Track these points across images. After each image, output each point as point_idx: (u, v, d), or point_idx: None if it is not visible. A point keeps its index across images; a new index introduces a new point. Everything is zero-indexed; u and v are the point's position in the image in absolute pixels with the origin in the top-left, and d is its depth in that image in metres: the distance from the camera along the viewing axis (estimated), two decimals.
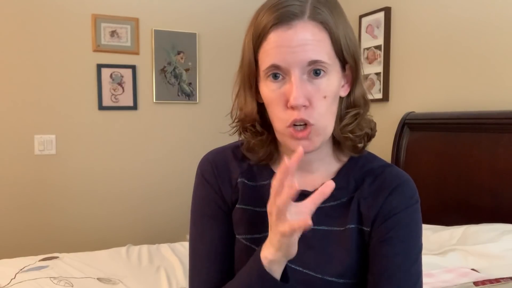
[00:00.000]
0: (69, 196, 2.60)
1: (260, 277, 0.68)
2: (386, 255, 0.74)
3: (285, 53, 0.68)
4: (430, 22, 2.20)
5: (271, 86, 0.71)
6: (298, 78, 0.68)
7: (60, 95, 2.55)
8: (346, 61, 0.73)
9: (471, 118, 1.87)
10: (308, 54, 0.68)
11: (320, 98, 0.70)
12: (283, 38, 0.68)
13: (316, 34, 0.69)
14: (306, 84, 0.69)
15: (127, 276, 1.61)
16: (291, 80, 0.69)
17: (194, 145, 2.88)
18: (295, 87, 0.68)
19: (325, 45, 0.69)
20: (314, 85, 0.70)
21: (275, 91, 0.71)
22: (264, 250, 0.69)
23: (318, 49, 0.68)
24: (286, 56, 0.68)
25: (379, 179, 0.77)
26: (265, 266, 0.68)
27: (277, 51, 0.69)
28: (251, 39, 0.72)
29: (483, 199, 1.80)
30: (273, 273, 0.68)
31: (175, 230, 2.80)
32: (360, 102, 0.77)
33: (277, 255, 0.67)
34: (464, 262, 1.44)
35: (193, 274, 0.82)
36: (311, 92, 0.69)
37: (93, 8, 2.59)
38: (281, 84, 0.70)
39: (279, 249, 0.66)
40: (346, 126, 0.76)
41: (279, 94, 0.71)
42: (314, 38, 0.68)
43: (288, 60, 0.68)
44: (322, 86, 0.70)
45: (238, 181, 0.82)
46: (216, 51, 2.92)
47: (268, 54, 0.70)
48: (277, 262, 0.68)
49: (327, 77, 0.70)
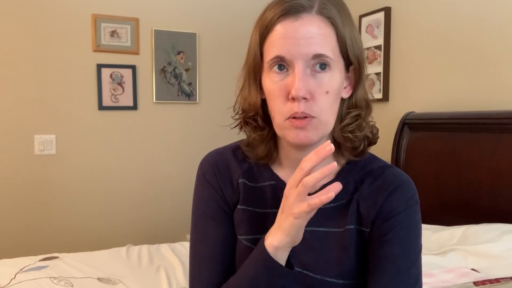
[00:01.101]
0: (69, 196, 2.60)
1: (266, 265, 0.69)
2: (385, 255, 0.74)
3: (290, 44, 0.69)
4: (430, 22, 2.20)
5: (274, 77, 0.72)
6: (301, 70, 0.69)
7: (60, 95, 2.55)
8: (350, 61, 0.73)
9: (471, 118, 1.87)
10: (313, 47, 0.68)
11: (322, 92, 0.70)
12: (290, 29, 0.69)
13: (323, 28, 0.69)
14: (309, 78, 0.70)
15: (127, 276, 1.61)
16: (294, 73, 0.69)
17: (194, 145, 2.88)
18: (298, 78, 0.68)
19: (331, 41, 0.70)
20: (317, 80, 0.70)
21: (277, 82, 0.71)
22: (269, 238, 0.70)
23: (323, 43, 0.69)
24: (291, 48, 0.69)
25: (379, 180, 0.77)
26: (270, 253, 0.69)
27: (283, 42, 0.69)
28: (258, 32, 0.73)
29: (483, 199, 1.80)
30: (279, 260, 0.69)
31: (175, 230, 2.80)
32: (362, 105, 0.77)
33: (284, 240, 0.68)
34: (464, 262, 1.44)
35: (194, 275, 0.82)
36: (314, 86, 0.70)
37: (93, 8, 2.59)
38: (284, 76, 0.71)
39: (288, 234, 0.67)
40: (346, 126, 0.76)
41: (281, 86, 0.71)
42: (320, 32, 0.69)
43: (292, 52, 0.69)
44: (324, 81, 0.70)
45: (239, 181, 0.82)
46: (216, 51, 2.92)
47: (274, 46, 0.70)
48: (282, 248, 0.69)
49: (331, 73, 0.71)
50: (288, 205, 0.67)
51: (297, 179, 0.66)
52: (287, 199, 0.67)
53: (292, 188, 0.66)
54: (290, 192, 0.67)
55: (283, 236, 0.68)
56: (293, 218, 0.66)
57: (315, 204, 0.64)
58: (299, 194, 0.65)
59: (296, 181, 0.66)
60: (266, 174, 0.82)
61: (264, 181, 0.82)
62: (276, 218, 0.71)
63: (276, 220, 0.71)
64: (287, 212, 0.67)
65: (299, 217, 0.66)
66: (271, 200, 0.80)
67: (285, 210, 0.68)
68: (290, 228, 0.67)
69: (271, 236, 0.70)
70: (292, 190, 0.66)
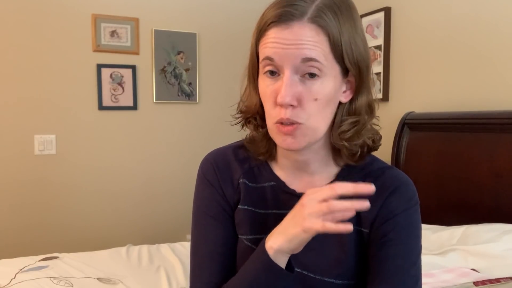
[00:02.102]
0: (69, 196, 2.60)
1: (266, 267, 0.69)
2: (385, 256, 0.74)
3: (280, 48, 0.68)
4: (430, 22, 2.20)
5: (267, 81, 0.72)
6: (289, 77, 0.69)
7: (60, 95, 2.55)
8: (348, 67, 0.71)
9: (471, 118, 1.87)
10: (303, 51, 0.67)
11: (311, 99, 0.69)
12: (280, 36, 0.68)
13: (313, 36, 0.68)
14: (298, 84, 0.69)
15: (127, 276, 1.61)
16: (282, 78, 0.69)
17: (194, 145, 2.88)
18: (284, 85, 0.68)
19: (323, 47, 0.68)
20: (306, 86, 0.69)
21: (269, 86, 0.71)
22: (270, 240, 0.69)
23: (314, 48, 0.68)
24: (280, 51, 0.68)
25: (379, 181, 0.77)
26: (271, 256, 0.68)
27: (273, 46, 0.69)
28: (255, 33, 0.73)
29: (483, 199, 1.80)
30: (279, 263, 0.69)
31: (175, 230, 2.80)
32: (362, 111, 0.75)
33: (285, 246, 0.68)
34: (464, 262, 1.44)
35: (195, 275, 0.82)
36: (302, 93, 0.69)
37: (93, 8, 2.59)
38: (275, 80, 0.71)
39: (290, 241, 0.67)
40: (342, 133, 0.74)
41: (271, 90, 0.71)
42: (311, 39, 0.68)
43: (281, 55, 0.68)
44: (314, 88, 0.69)
45: (240, 181, 0.82)
46: (216, 51, 2.92)
47: (266, 47, 0.70)
48: (283, 252, 0.69)
49: (321, 80, 0.69)
50: (301, 215, 0.66)
51: (322, 196, 0.64)
52: (303, 208, 0.66)
53: (314, 201, 0.65)
54: (310, 203, 0.65)
55: (285, 242, 0.68)
56: (302, 230, 0.65)
57: (330, 229, 0.63)
58: (320, 211, 0.64)
59: (321, 197, 0.65)
60: (266, 174, 0.82)
61: (264, 182, 0.82)
62: (283, 220, 0.70)
63: (282, 222, 0.70)
64: (298, 222, 0.66)
65: (308, 232, 0.65)
66: (271, 201, 0.80)
67: (296, 218, 0.67)
68: (295, 238, 0.67)
69: (272, 239, 0.69)
70: (312, 202, 0.65)
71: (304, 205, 0.66)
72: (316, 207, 0.64)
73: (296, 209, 0.68)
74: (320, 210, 0.64)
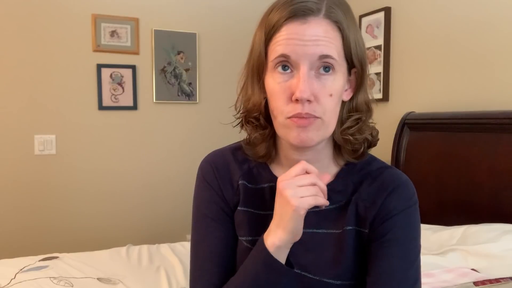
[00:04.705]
0: (69, 196, 2.60)
1: (267, 264, 0.69)
2: (384, 256, 0.74)
3: (297, 45, 0.68)
4: (430, 22, 2.20)
5: (278, 78, 0.71)
6: (306, 72, 0.69)
7: (60, 95, 2.55)
8: (354, 64, 0.73)
9: (471, 118, 1.87)
10: (320, 48, 0.68)
11: (326, 95, 0.70)
12: (296, 31, 0.69)
13: (329, 32, 0.69)
14: (313, 80, 0.70)
15: (127, 276, 1.61)
16: (298, 74, 0.69)
17: (194, 145, 2.88)
18: (303, 80, 0.68)
19: (337, 44, 0.70)
20: (321, 82, 0.70)
21: (281, 83, 0.71)
22: (269, 238, 0.70)
23: (330, 45, 0.69)
24: (297, 48, 0.68)
25: (378, 181, 0.77)
26: (272, 253, 0.69)
27: (289, 42, 0.69)
28: (263, 31, 0.73)
29: (483, 199, 1.80)
30: (279, 260, 0.69)
31: (175, 230, 2.80)
32: (363, 108, 0.77)
33: (286, 237, 0.69)
34: (464, 262, 1.44)
35: (195, 276, 0.82)
36: (318, 88, 0.70)
37: (93, 8, 2.59)
38: (288, 77, 0.71)
39: (287, 230, 0.68)
40: (347, 129, 0.76)
41: (284, 87, 0.71)
42: (327, 35, 0.69)
43: (298, 52, 0.68)
44: (328, 84, 0.70)
45: (239, 183, 0.82)
46: (216, 51, 2.92)
47: (279, 44, 0.70)
48: (285, 246, 0.70)
49: (334, 75, 0.71)
50: (285, 200, 0.68)
51: (291, 175, 0.69)
52: (283, 192, 0.69)
53: (287, 181, 0.69)
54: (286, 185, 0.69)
55: (284, 233, 0.69)
56: (292, 211, 0.67)
57: (311, 202, 0.68)
58: (295, 186, 0.68)
59: (293, 173, 0.69)
60: (266, 175, 0.82)
61: (263, 183, 0.82)
62: (273, 217, 0.71)
63: (273, 218, 0.71)
64: (285, 208, 0.68)
65: (298, 210, 0.67)
66: (270, 202, 0.80)
67: (283, 206, 0.69)
68: (289, 222, 0.68)
69: (272, 236, 0.70)
70: (287, 183, 0.69)
71: (283, 190, 0.69)
72: (292, 184, 0.68)
73: (278, 198, 0.70)
74: (294, 184, 0.68)
